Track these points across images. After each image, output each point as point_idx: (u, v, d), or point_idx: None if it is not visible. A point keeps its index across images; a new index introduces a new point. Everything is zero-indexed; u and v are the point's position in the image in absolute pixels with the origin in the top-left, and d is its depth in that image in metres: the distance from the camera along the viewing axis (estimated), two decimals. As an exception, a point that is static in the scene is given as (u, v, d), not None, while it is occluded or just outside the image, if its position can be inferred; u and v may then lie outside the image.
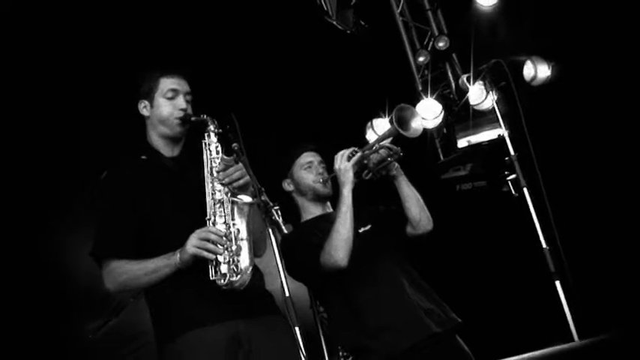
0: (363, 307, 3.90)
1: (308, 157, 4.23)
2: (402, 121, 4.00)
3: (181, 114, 3.62)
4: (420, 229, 4.07)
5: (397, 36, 7.27)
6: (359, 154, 4.01)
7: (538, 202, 3.76)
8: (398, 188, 4.05)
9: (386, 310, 3.88)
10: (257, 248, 3.57)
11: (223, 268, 3.36)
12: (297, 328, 3.19)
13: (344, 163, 3.98)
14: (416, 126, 4.03)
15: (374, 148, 4.04)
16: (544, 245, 3.75)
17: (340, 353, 6.53)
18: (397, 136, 3.98)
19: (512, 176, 3.82)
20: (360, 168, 4.03)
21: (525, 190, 3.77)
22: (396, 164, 4.06)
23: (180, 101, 3.65)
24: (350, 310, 3.93)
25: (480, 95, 6.64)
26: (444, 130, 7.20)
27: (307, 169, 4.21)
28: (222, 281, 3.35)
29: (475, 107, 6.80)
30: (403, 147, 4.04)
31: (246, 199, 3.44)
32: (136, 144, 3.72)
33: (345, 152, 4.03)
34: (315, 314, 5.12)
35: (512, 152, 3.85)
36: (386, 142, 4.05)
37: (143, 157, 3.69)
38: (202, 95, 3.71)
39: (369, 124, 6.97)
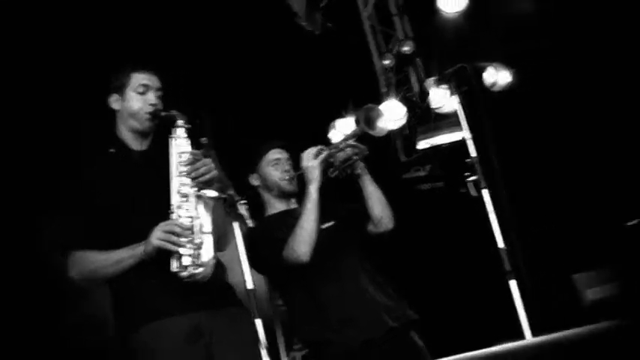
0: (326, 301, 3.92)
1: (276, 154, 4.23)
2: (368, 121, 4.02)
3: (151, 109, 3.62)
4: (381, 228, 4.10)
5: (364, 39, 7.31)
6: (325, 152, 4.03)
7: (496, 203, 3.79)
8: (362, 186, 4.08)
9: (348, 305, 3.91)
10: (220, 242, 3.58)
11: (186, 261, 3.37)
12: (258, 320, 3.18)
13: (311, 161, 3.99)
14: (382, 126, 4.05)
15: (340, 146, 4.05)
16: (500, 245, 3.77)
17: (295, 346, 6.56)
18: (363, 135, 3.99)
19: (473, 177, 3.84)
20: (326, 166, 4.03)
21: (485, 191, 3.79)
22: (361, 163, 4.08)
23: (151, 96, 3.65)
24: (313, 304, 3.95)
25: (442, 99, 6.71)
26: (406, 132, 7.24)
27: (274, 165, 4.21)
28: (185, 273, 3.35)
29: (437, 110, 6.88)
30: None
31: (211, 193, 3.44)
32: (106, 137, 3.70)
33: (312, 150, 4.04)
34: (273, 307, 5.12)
35: (473, 154, 3.86)
36: (352, 141, 4.06)
37: (111, 150, 3.68)
38: (173, 92, 3.69)
39: (333, 124, 6.98)
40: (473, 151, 3.86)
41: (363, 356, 3.83)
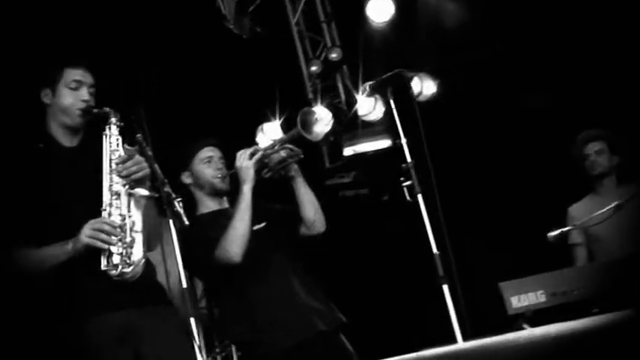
0: (255, 302, 3.91)
1: (208, 152, 4.19)
2: (305, 125, 3.99)
3: (83, 105, 3.54)
4: (314, 230, 4.11)
5: (292, 44, 7.28)
6: (260, 152, 4.01)
7: (431, 208, 3.79)
8: (295, 189, 4.07)
9: (277, 306, 3.91)
10: (150, 242, 3.54)
11: (116, 259, 3.32)
12: (192, 319, 3.13)
13: (245, 161, 3.96)
14: (318, 130, 4.04)
15: (275, 148, 4.03)
16: (434, 250, 3.77)
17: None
18: (298, 138, 3.95)
19: (408, 182, 3.83)
20: (260, 166, 4.02)
21: (419, 196, 3.78)
22: (295, 165, 4.07)
23: (84, 92, 3.57)
24: (242, 305, 3.93)
25: (369, 106, 6.75)
26: (332, 138, 7.23)
27: (207, 163, 4.17)
28: (114, 272, 3.30)
29: (363, 118, 6.92)
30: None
31: (142, 192, 3.39)
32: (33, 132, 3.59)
33: (247, 150, 4.02)
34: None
35: (409, 159, 3.85)
36: (287, 144, 4.03)
37: (40, 145, 3.58)
38: (104, 89, 3.61)
39: (260, 127, 6.96)
40: (408, 157, 3.85)
41: (293, 358, 3.83)
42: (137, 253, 3.36)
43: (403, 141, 3.92)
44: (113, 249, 3.31)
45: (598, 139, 5.19)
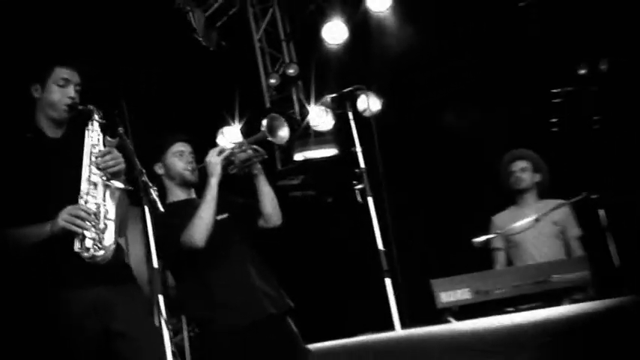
0: (213, 284, 3.93)
1: (180, 147, 4.21)
2: (271, 129, 4.01)
3: (69, 101, 3.56)
4: (270, 223, 4.14)
5: (253, 58, 7.33)
6: (228, 151, 4.05)
7: (379, 209, 3.84)
8: (257, 185, 4.11)
9: (233, 289, 3.93)
10: (121, 228, 3.56)
11: (88, 243, 3.34)
12: (160, 296, 3.13)
13: (214, 157, 4.00)
14: (282, 135, 4.07)
15: (242, 147, 4.05)
16: (380, 247, 3.81)
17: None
18: (264, 140, 3.98)
19: (360, 186, 3.87)
20: (227, 163, 4.04)
21: (370, 199, 3.83)
22: (259, 165, 4.10)
23: (70, 90, 3.58)
24: (201, 285, 3.95)
25: (320, 118, 6.82)
26: (284, 144, 7.26)
27: (179, 156, 4.18)
28: (86, 254, 3.32)
29: (314, 128, 6.99)
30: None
31: (118, 184, 3.42)
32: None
33: (217, 148, 4.06)
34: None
35: (362, 166, 3.90)
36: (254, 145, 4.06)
37: (28, 135, 3.59)
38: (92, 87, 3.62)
39: (221, 130, 7.02)
40: (362, 163, 3.89)
41: (244, 337, 3.84)
42: (109, 238, 3.38)
43: (358, 149, 3.95)
44: (87, 233, 3.32)
45: (523, 158, 5.30)
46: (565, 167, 5.61)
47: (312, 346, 3.63)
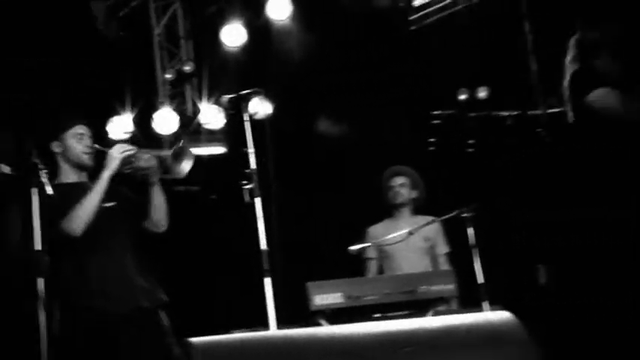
0: (89, 272, 3.87)
1: (81, 130, 4.10)
2: (177, 156, 4.00)
3: None
4: (155, 228, 4.11)
5: (151, 52, 7.22)
6: (132, 151, 3.98)
7: (266, 210, 3.82)
8: (150, 192, 4.04)
9: (110, 279, 3.88)
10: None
11: None
12: (41, 280, 3.04)
13: (117, 152, 3.94)
14: (182, 168, 4.00)
15: (144, 156, 4.00)
16: (263, 247, 3.80)
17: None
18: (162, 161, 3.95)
19: (249, 186, 3.85)
20: (126, 162, 3.97)
21: (257, 199, 3.81)
22: (157, 175, 4.04)
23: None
24: (77, 271, 3.87)
25: (211, 116, 6.81)
26: (174, 139, 7.18)
27: (79, 139, 4.07)
28: None
29: (205, 126, 6.95)
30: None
31: (5, 169, 3.47)
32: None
33: (124, 146, 4.01)
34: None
35: (253, 166, 3.87)
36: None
37: None
38: None
39: (111, 119, 6.91)
40: (253, 164, 3.87)
41: (112, 326, 3.80)
42: None
43: (250, 150, 3.94)
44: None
45: (402, 175, 5.43)
46: (440, 185, 5.79)
47: (193, 340, 3.58)
